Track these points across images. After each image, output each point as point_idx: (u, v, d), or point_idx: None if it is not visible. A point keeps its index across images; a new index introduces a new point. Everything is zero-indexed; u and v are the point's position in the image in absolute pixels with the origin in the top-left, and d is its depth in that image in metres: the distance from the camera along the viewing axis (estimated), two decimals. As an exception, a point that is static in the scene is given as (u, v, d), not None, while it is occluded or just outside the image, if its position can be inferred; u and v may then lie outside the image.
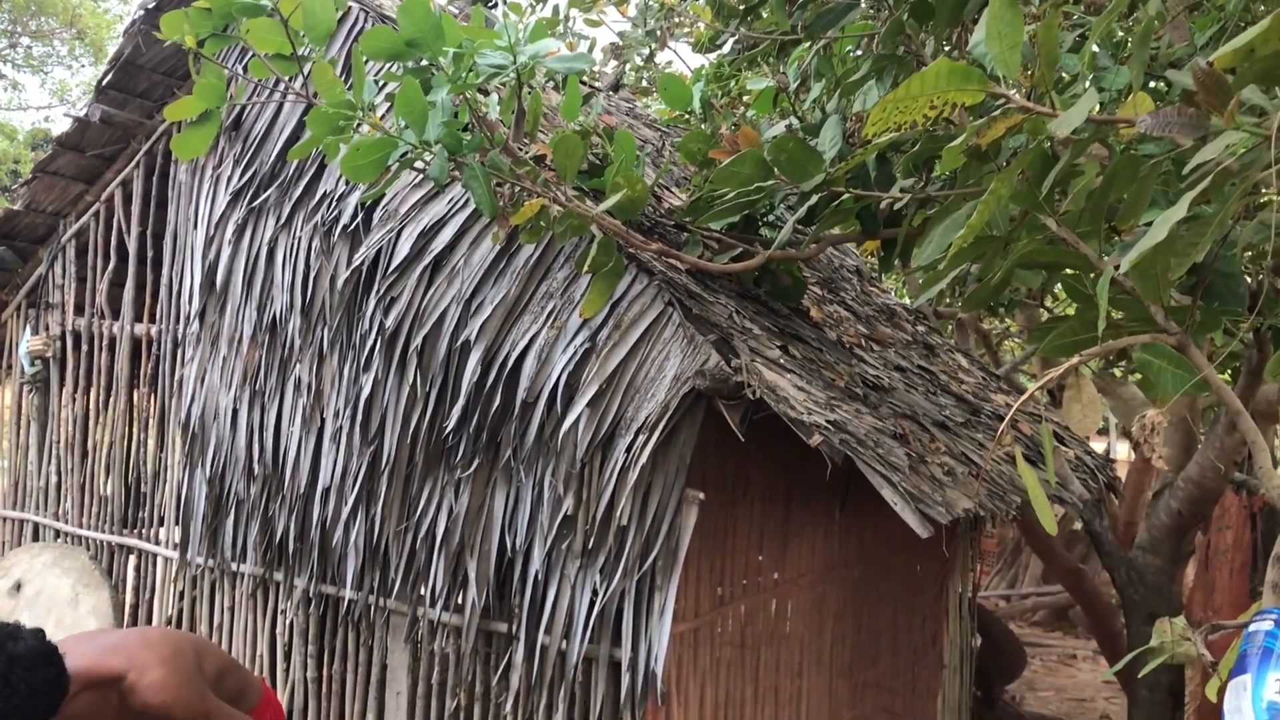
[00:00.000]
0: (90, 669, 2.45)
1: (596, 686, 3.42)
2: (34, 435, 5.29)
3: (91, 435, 5.08)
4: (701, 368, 3.05)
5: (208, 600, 4.49)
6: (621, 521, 3.29)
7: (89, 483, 5.06)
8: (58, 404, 5.16)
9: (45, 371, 5.16)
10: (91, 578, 4.81)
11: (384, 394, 3.77)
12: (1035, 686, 8.32)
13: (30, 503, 5.29)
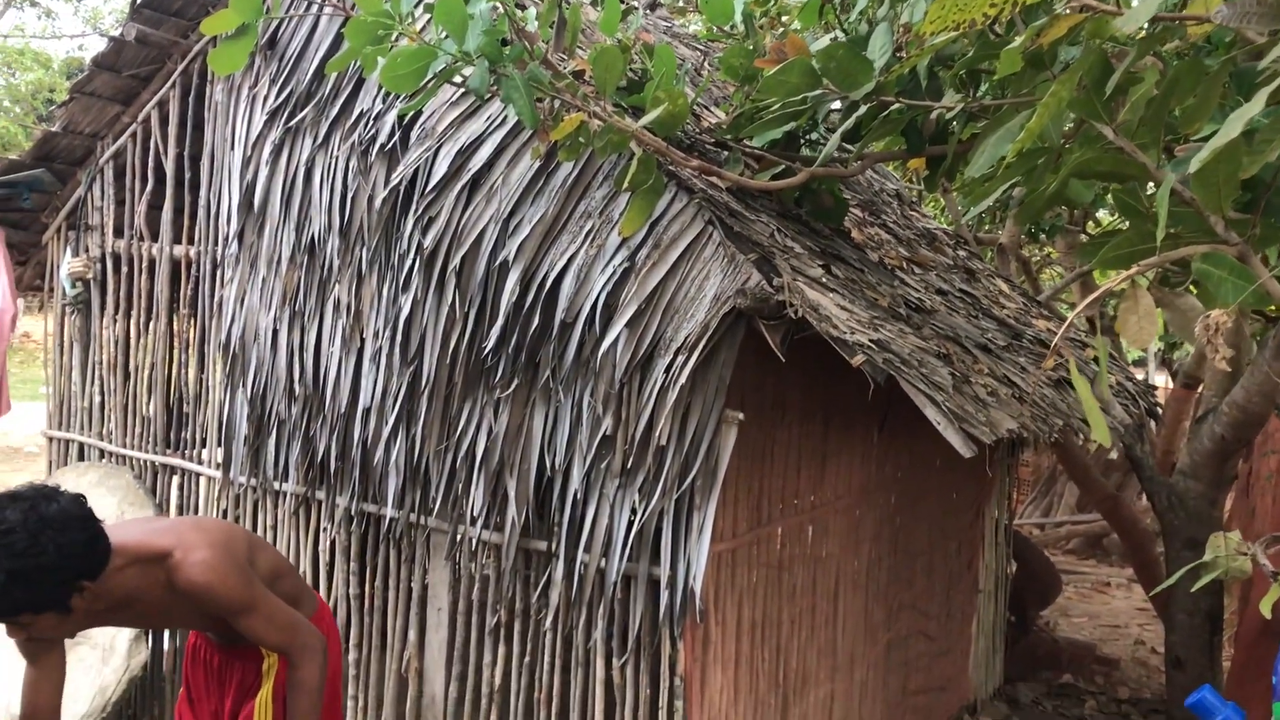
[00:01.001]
0: (137, 544, 2.47)
1: (635, 604, 3.45)
2: (76, 357, 5.34)
3: (133, 357, 5.12)
4: (742, 287, 3.01)
5: (250, 518, 4.55)
6: (660, 441, 3.29)
7: (131, 403, 5.12)
8: (99, 325, 5.20)
9: (86, 293, 5.19)
10: (136, 496, 4.88)
11: (423, 314, 3.77)
12: (1069, 613, 8.34)
13: (75, 423, 5.37)
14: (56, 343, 5.44)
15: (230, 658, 2.87)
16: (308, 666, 2.68)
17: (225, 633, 2.81)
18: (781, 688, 3.95)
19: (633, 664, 3.50)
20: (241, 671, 2.87)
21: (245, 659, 2.86)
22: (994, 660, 6.20)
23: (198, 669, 2.92)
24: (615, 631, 3.53)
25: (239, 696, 2.87)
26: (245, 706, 2.85)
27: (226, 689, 2.88)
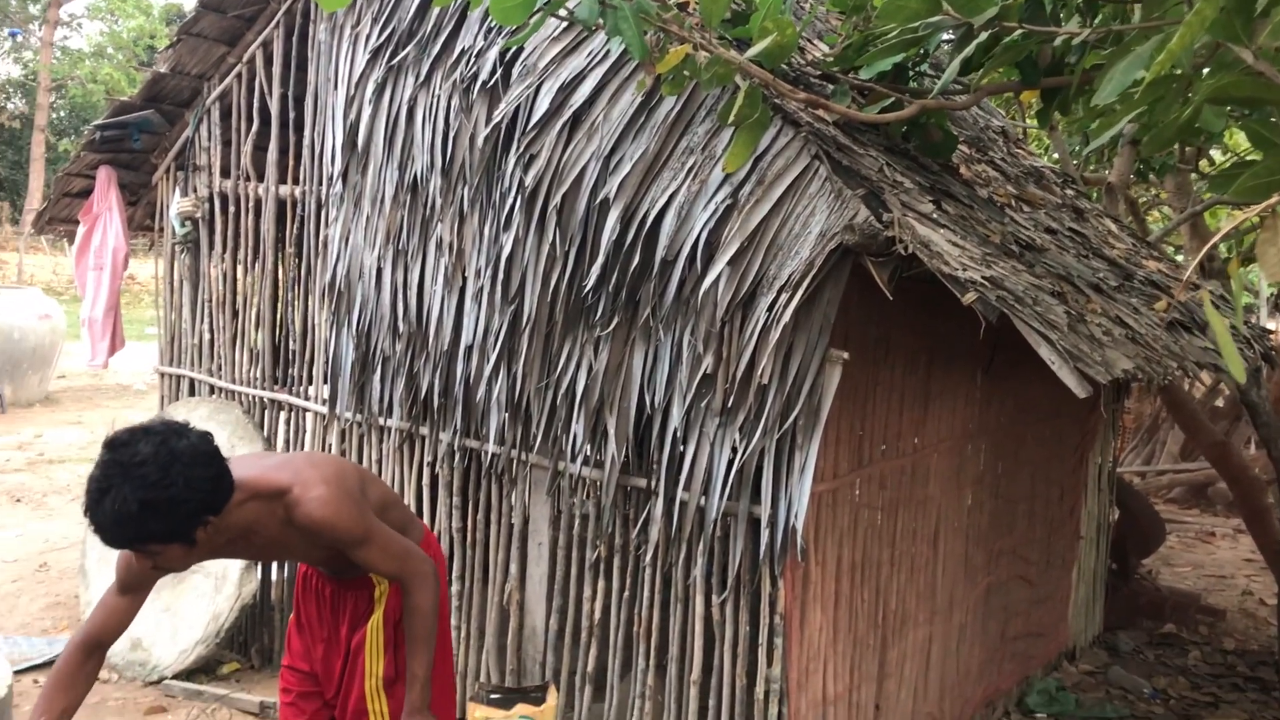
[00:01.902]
0: (257, 479, 2.53)
1: (735, 542, 3.45)
2: (186, 295, 5.48)
3: (240, 295, 5.24)
4: (850, 222, 2.95)
5: (356, 453, 4.65)
6: (762, 380, 3.26)
7: (240, 340, 5.25)
8: (207, 264, 5.33)
9: (195, 232, 5.32)
10: (245, 431, 5.02)
11: (524, 252, 3.78)
12: (1172, 562, 8.15)
13: (186, 359, 5.52)
14: (167, 281, 5.59)
15: (342, 588, 2.94)
16: (422, 592, 2.74)
17: (337, 565, 2.87)
18: (880, 629, 3.94)
19: (732, 601, 3.51)
20: (354, 600, 2.93)
21: (357, 588, 2.92)
22: (1094, 608, 6.10)
23: (309, 599, 3.00)
24: (715, 569, 3.54)
25: (353, 623, 2.94)
26: (358, 633, 2.93)
27: (340, 617, 2.95)
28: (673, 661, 3.68)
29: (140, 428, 2.34)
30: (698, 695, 3.62)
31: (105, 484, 2.24)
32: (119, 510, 2.24)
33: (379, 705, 2.91)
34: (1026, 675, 5.22)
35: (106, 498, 2.24)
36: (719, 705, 3.58)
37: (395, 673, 2.91)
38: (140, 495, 2.24)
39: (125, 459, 2.26)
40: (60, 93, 35.24)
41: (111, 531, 2.28)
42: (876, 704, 3.95)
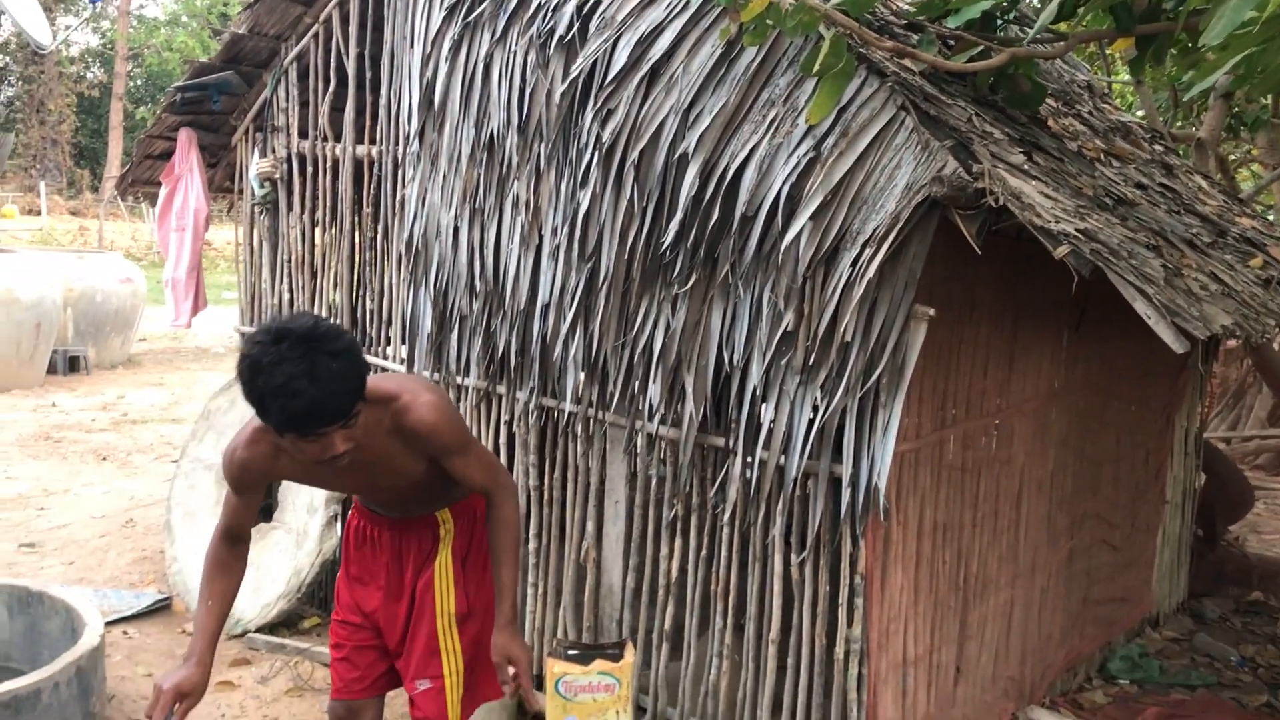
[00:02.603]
0: (370, 387, 2.55)
1: (815, 501, 3.41)
2: (266, 256, 5.55)
3: (319, 255, 5.29)
4: (938, 174, 2.88)
5: (433, 412, 4.68)
6: (845, 338, 3.20)
7: (318, 300, 5.30)
8: (286, 225, 5.38)
9: (274, 193, 5.37)
10: (325, 390, 5.07)
11: (601, 210, 3.75)
12: (1260, 529, 7.94)
13: (266, 319, 5.60)
14: (246, 242, 5.66)
15: (401, 532, 2.94)
16: (509, 504, 2.81)
17: (410, 497, 2.88)
18: (962, 590, 3.88)
19: (812, 561, 3.47)
20: (417, 541, 2.94)
21: (419, 529, 2.94)
22: (1179, 574, 5.96)
23: (365, 549, 3.01)
24: (794, 528, 3.51)
25: (417, 565, 2.95)
26: (425, 573, 2.94)
27: (403, 562, 2.96)
28: (750, 621, 3.66)
29: (288, 317, 2.40)
30: (776, 654, 3.60)
31: (305, 362, 2.27)
32: (329, 378, 2.28)
33: (450, 641, 2.93)
34: (1109, 641, 5.13)
35: (314, 374, 2.27)
36: (798, 664, 3.56)
37: (467, 608, 2.93)
38: (335, 363, 2.29)
39: (306, 334, 2.30)
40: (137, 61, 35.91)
41: (328, 399, 2.30)
42: (957, 666, 3.90)
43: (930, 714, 3.75)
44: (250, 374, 2.33)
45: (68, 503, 6.84)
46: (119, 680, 4.30)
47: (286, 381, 2.27)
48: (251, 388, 2.34)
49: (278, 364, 2.28)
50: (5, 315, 10.08)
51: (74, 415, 9.54)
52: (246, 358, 2.36)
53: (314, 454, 2.42)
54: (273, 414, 2.33)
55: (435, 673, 2.92)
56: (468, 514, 2.99)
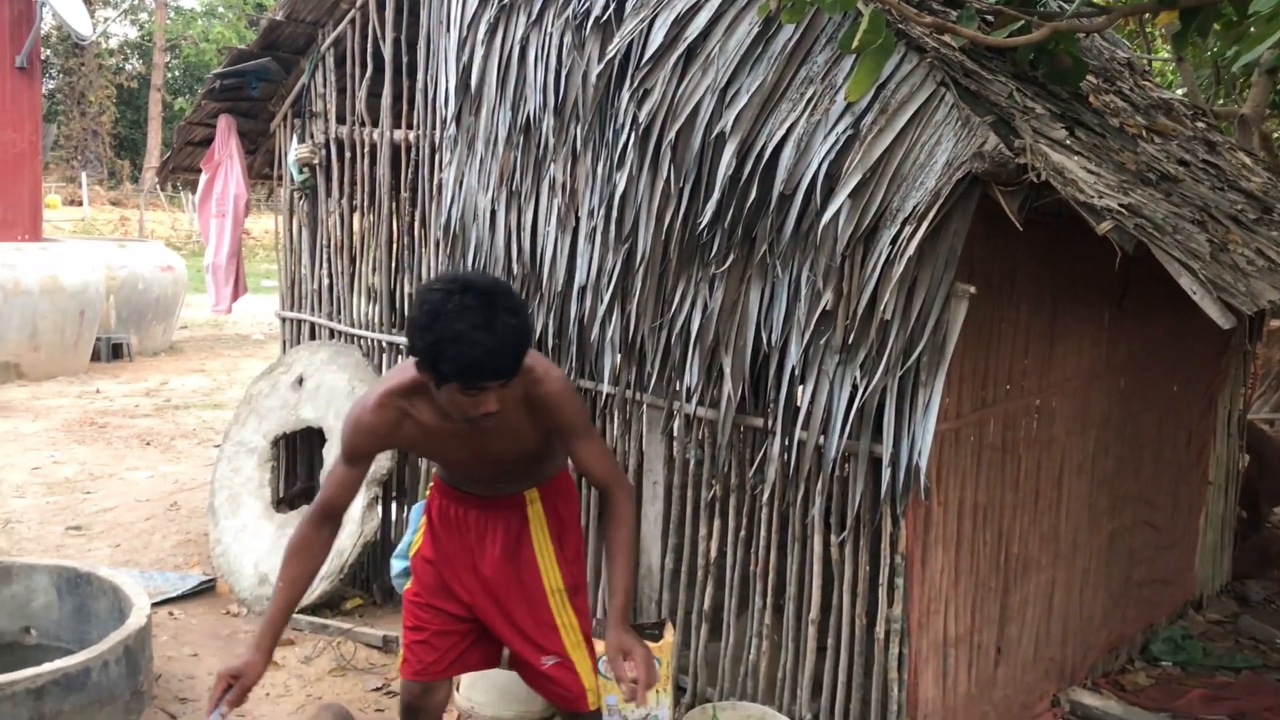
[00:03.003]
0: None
1: (855, 481, 3.40)
2: (305, 241, 5.59)
3: (358, 240, 5.32)
4: (979, 150, 2.85)
5: (471, 395, 4.70)
6: (884, 316, 3.19)
7: (358, 285, 5.33)
8: (325, 210, 5.41)
9: (312, 179, 5.40)
10: (365, 373, 5.12)
11: (637, 190, 3.75)
12: (1304, 512, 7.83)
13: (306, 304, 5.64)
14: (286, 228, 5.70)
15: (488, 511, 2.92)
16: (628, 502, 2.81)
17: (506, 472, 2.88)
18: (1003, 571, 3.86)
19: (852, 541, 3.47)
20: (505, 521, 2.93)
21: (506, 508, 2.93)
22: (1222, 556, 5.89)
23: (450, 531, 2.99)
24: (833, 508, 3.50)
25: (506, 546, 2.93)
26: (521, 553, 2.92)
27: (490, 543, 2.94)
28: (790, 601, 3.66)
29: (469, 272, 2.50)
30: (816, 634, 3.60)
31: (486, 314, 2.34)
32: (506, 333, 2.36)
33: (566, 616, 2.94)
34: (1151, 623, 5.08)
35: (493, 326, 2.34)
36: (838, 645, 3.55)
37: (573, 582, 2.94)
38: (513, 320, 2.38)
39: (489, 289, 2.40)
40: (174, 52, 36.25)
41: (503, 354, 2.37)
42: (998, 647, 3.89)
43: (971, 694, 3.74)
44: (429, 319, 2.36)
45: (113, 487, 6.95)
46: (165, 660, 4.36)
47: (466, 330, 2.32)
48: (428, 332, 2.37)
49: (460, 312, 2.33)
50: (50, 303, 10.23)
51: (118, 401, 9.67)
52: (426, 303, 2.39)
53: (466, 408, 2.45)
54: (445, 360, 2.35)
55: (558, 648, 2.92)
56: (552, 492, 2.98)
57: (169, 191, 29.90)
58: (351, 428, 2.73)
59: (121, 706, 3.76)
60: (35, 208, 12.45)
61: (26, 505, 6.47)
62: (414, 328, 2.43)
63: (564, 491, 3.02)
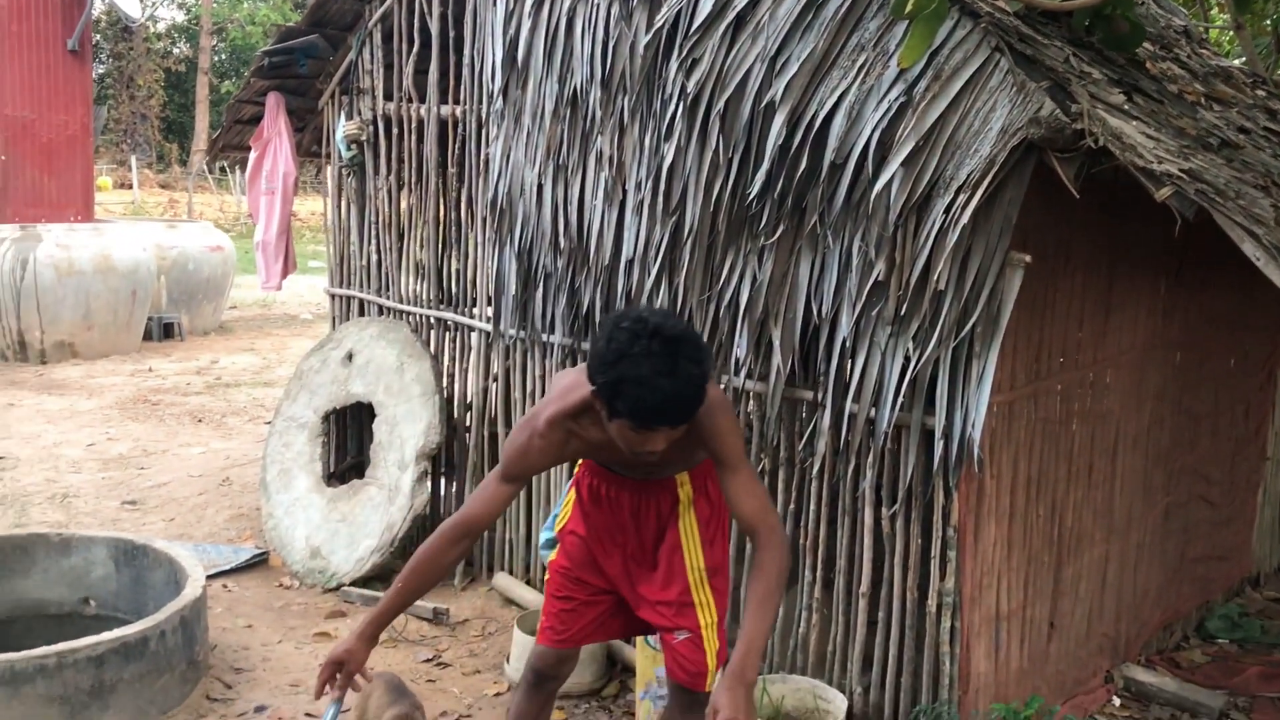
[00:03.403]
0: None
1: (907, 454, 3.38)
2: (353, 218, 5.62)
3: (405, 216, 5.34)
4: (1035, 116, 2.81)
5: (520, 369, 4.72)
6: (938, 286, 3.16)
7: (406, 261, 5.36)
8: (373, 187, 5.44)
9: (360, 156, 5.43)
10: (414, 349, 5.15)
11: (685, 162, 3.73)
12: (1364, 489, 7.67)
13: (355, 281, 5.68)
14: (334, 205, 5.74)
15: (641, 493, 2.89)
16: (779, 549, 2.62)
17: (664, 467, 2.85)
18: (1056, 546, 3.81)
19: (903, 514, 3.45)
20: (657, 503, 2.91)
21: (658, 490, 2.90)
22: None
23: (601, 510, 2.95)
24: (884, 481, 3.48)
25: (658, 526, 2.92)
26: (668, 536, 2.91)
27: (642, 521, 2.92)
28: (840, 574, 3.65)
29: (660, 313, 2.50)
30: (866, 608, 3.58)
31: (670, 362, 2.37)
32: (686, 382, 2.39)
33: (704, 595, 2.93)
34: (1207, 600, 5.00)
35: (675, 374, 2.37)
36: (888, 618, 3.54)
37: (714, 564, 2.94)
38: (695, 370, 2.40)
39: (677, 336, 2.41)
40: (221, 36, 36.54)
41: (680, 403, 2.40)
42: (1051, 622, 3.85)
43: (1023, 669, 3.71)
44: (614, 356, 2.40)
45: (166, 463, 7.05)
46: (220, 631, 4.43)
47: (649, 375, 2.36)
48: (611, 370, 2.40)
49: (645, 356, 2.36)
50: (103, 283, 10.38)
51: (170, 379, 9.81)
52: (613, 341, 2.41)
53: (633, 443, 2.48)
54: (622, 400, 2.39)
55: (692, 625, 2.91)
56: (702, 474, 2.93)
57: (216, 174, 30.21)
58: (521, 449, 2.71)
59: (178, 675, 3.83)
60: (87, 189, 12.64)
61: (83, 480, 6.58)
62: (597, 360, 2.45)
63: (712, 476, 2.94)
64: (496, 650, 4.37)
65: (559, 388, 2.79)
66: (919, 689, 3.50)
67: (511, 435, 2.79)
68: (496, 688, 4.07)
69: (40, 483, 6.51)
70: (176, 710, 3.80)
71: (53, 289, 10.08)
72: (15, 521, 5.73)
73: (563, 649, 3.09)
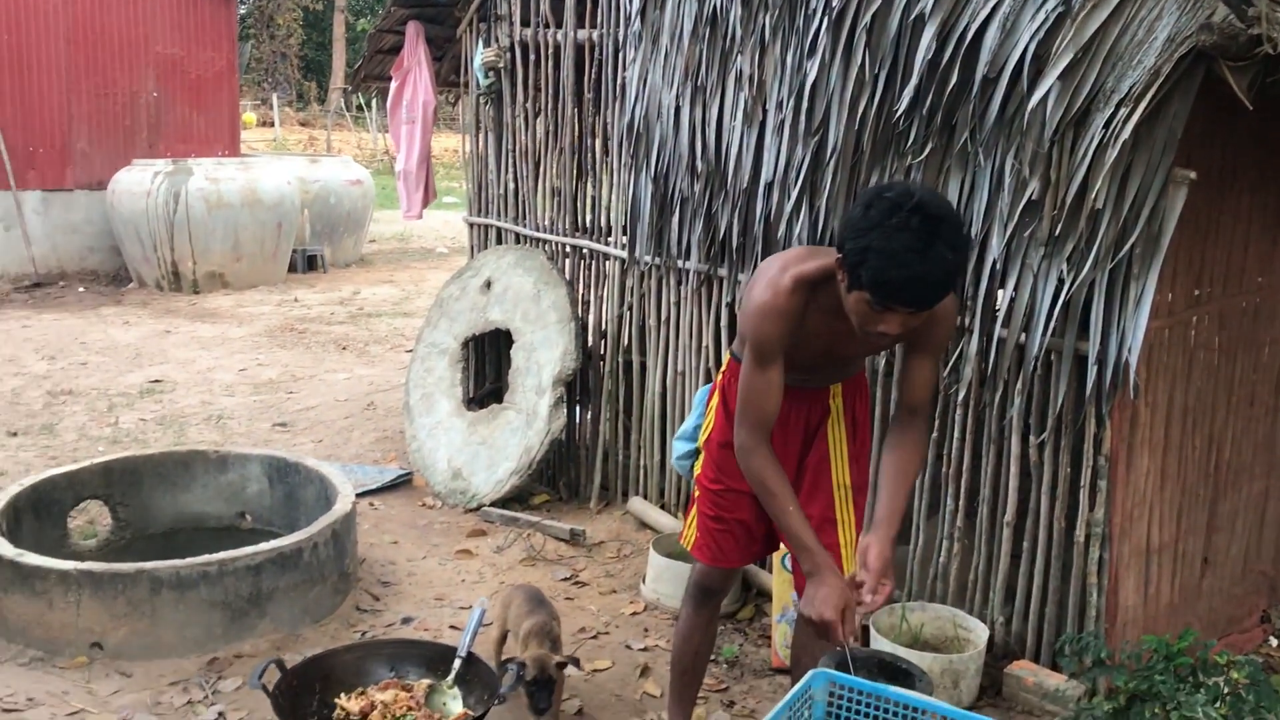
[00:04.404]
0: None
1: (1058, 381, 3.28)
2: (491, 146, 5.66)
3: (542, 143, 5.35)
4: (1207, 21, 2.65)
5: (654, 296, 4.73)
6: (1095, 206, 3.03)
7: (542, 189, 5.39)
8: (510, 114, 5.46)
9: (498, 83, 5.45)
10: (550, 276, 5.19)
11: (829, 80, 3.63)
12: None
13: (492, 209, 5.74)
14: (472, 133, 5.79)
15: (791, 403, 2.72)
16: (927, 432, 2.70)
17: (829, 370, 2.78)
18: (1212, 479, 3.67)
19: (1052, 442, 3.36)
20: (806, 413, 2.82)
21: (809, 400, 2.80)
22: None
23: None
24: (1033, 409, 3.38)
25: (806, 437, 2.84)
26: (816, 445, 2.83)
27: (791, 431, 2.81)
28: (984, 503, 3.58)
29: (927, 191, 2.38)
30: (1010, 537, 3.51)
31: (926, 240, 2.20)
32: (937, 266, 2.22)
33: (846, 513, 2.84)
34: (1373, 541, 4.76)
35: (927, 255, 2.21)
36: (1033, 548, 3.46)
37: (859, 481, 2.86)
38: (949, 255, 2.25)
39: (937, 216, 2.25)
40: (357, -27, 37.07)
41: (926, 286, 2.25)
42: (1205, 557, 3.71)
43: (1174, 604, 3.59)
44: (868, 225, 2.26)
45: (313, 387, 7.31)
46: (368, 547, 4.59)
47: (899, 251, 2.21)
48: (861, 237, 2.27)
49: (898, 230, 2.22)
50: (250, 215, 10.74)
51: (314, 309, 10.14)
52: (871, 208, 2.29)
53: (866, 321, 2.35)
54: (867, 270, 2.25)
55: (830, 541, 2.78)
56: (853, 389, 2.86)
57: (354, 112, 30.84)
58: (763, 314, 2.52)
59: (330, 586, 4.00)
60: (234, 124, 13.04)
61: (236, 403, 6.88)
62: (850, 226, 2.32)
63: (862, 389, 2.90)
64: (632, 572, 4.43)
65: (794, 253, 2.65)
66: (1063, 620, 3.43)
67: (749, 308, 2.57)
68: (633, 607, 4.14)
69: (196, 405, 6.83)
70: (328, 619, 3.97)
71: (203, 221, 10.47)
72: (174, 441, 6.02)
73: (725, 569, 3.00)
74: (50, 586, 3.61)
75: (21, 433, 6.13)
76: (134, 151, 11.57)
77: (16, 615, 3.69)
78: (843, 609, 2.40)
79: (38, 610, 3.64)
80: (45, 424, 6.29)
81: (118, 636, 3.63)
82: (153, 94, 11.93)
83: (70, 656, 3.62)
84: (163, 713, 3.36)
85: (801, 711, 1.98)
